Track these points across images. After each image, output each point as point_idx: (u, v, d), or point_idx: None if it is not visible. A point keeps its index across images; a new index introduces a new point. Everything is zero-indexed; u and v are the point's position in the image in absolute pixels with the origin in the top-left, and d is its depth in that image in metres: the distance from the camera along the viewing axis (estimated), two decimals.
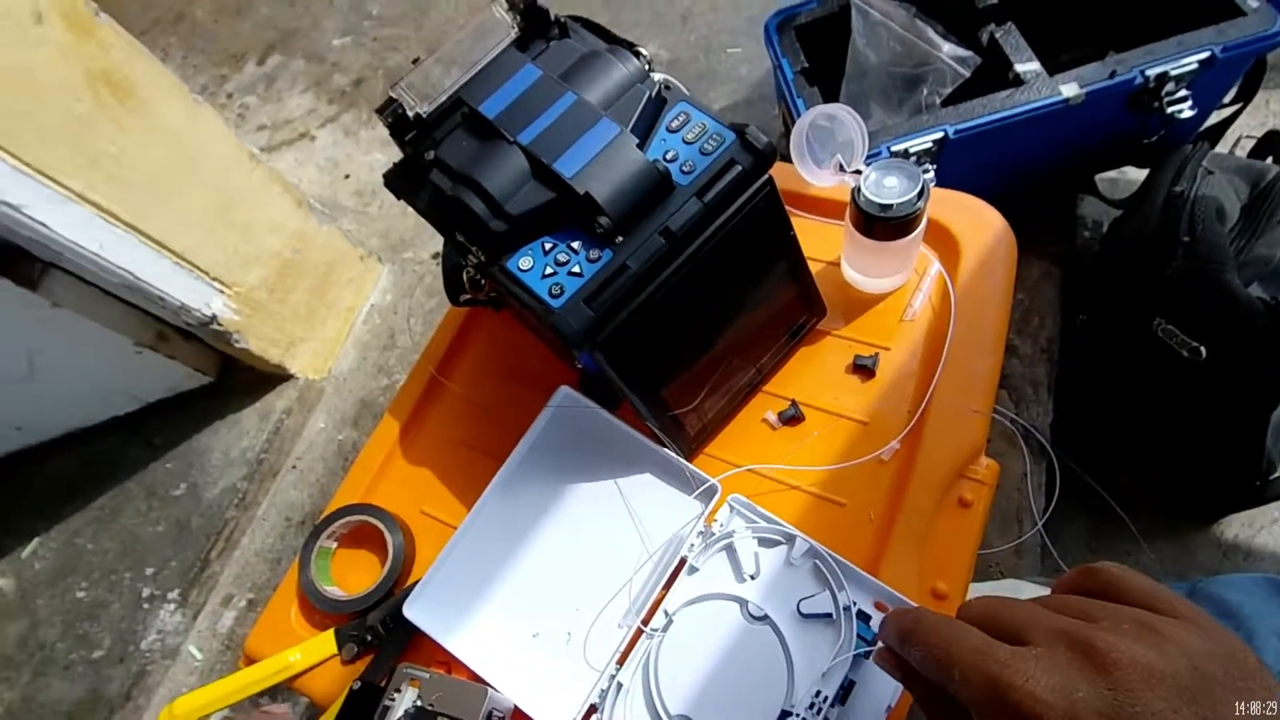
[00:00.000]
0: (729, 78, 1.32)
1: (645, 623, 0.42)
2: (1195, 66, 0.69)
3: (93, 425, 1.10)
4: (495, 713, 0.42)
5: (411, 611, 0.46)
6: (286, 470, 1.07)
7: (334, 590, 0.52)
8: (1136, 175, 0.81)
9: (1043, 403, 0.77)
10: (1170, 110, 0.71)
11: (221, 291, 0.95)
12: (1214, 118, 0.82)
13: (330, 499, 0.56)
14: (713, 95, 1.31)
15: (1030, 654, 0.20)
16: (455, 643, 0.45)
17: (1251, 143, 0.75)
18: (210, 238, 0.92)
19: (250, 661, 0.51)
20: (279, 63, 1.66)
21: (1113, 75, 0.70)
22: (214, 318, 0.94)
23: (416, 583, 0.48)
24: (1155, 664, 0.19)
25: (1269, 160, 0.71)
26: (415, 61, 0.44)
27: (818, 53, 0.87)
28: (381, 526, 0.52)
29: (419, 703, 0.43)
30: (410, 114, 0.43)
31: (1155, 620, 0.21)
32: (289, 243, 1.04)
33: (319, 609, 0.51)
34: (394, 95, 0.43)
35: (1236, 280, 0.59)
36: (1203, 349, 0.62)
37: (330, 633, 0.50)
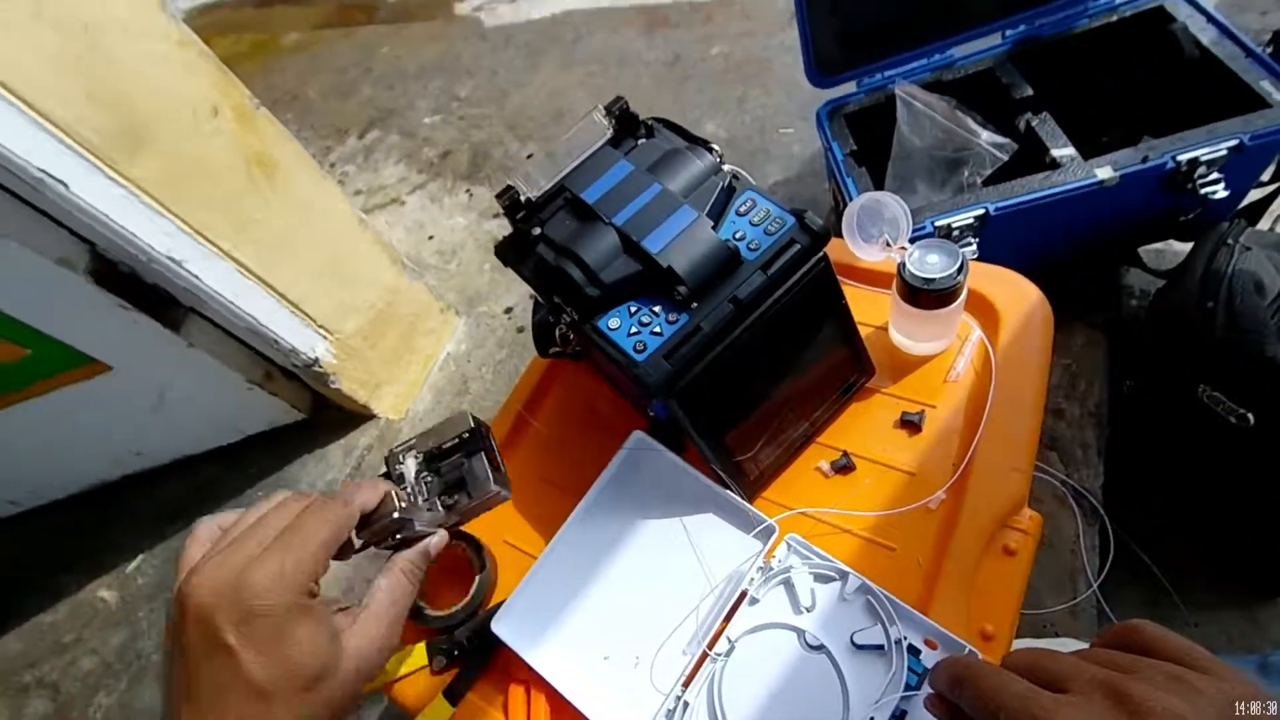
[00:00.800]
0: (782, 155, 1.42)
1: (709, 648, 0.46)
2: (1225, 153, 0.73)
3: (200, 453, 1.23)
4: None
5: (499, 628, 0.51)
6: None
7: (425, 607, 0.58)
8: (1181, 246, 0.84)
9: (1092, 465, 0.78)
10: (1204, 191, 0.74)
11: (325, 337, 1.07)
12: (1255, 194, 0.84)
13: None
14: (767, 170, 1.41)
15: (1070, 701, 0.22)
16: (536, 658, 0.50)
17: None
18: (321, 290, 1.06)
19: None
20: (377, 137, 1.87)
21: (1145, 160, 0.75)
22: (316, 360, 1.06)
23: (502, 603, 0.53)
24: (1186, 714, 0.21)
25: None
26: (529, 156, 0.54)
27: (865, 136, 0.95)
28: (470, 552, 0.59)
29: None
30: (522, 198, 0.52)
31: (1188, 674, 0.23)
32: (383, 295, 1.16)
33: (412, 624, 0.57)
34: (511, 183, 0.52)
35: (1279, 350, 0.61)
36: (1250, 416, 0.63)
37: (421, 645, 0.56)
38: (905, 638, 0.42)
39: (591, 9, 1.90)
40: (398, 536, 0.40)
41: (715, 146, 0.52)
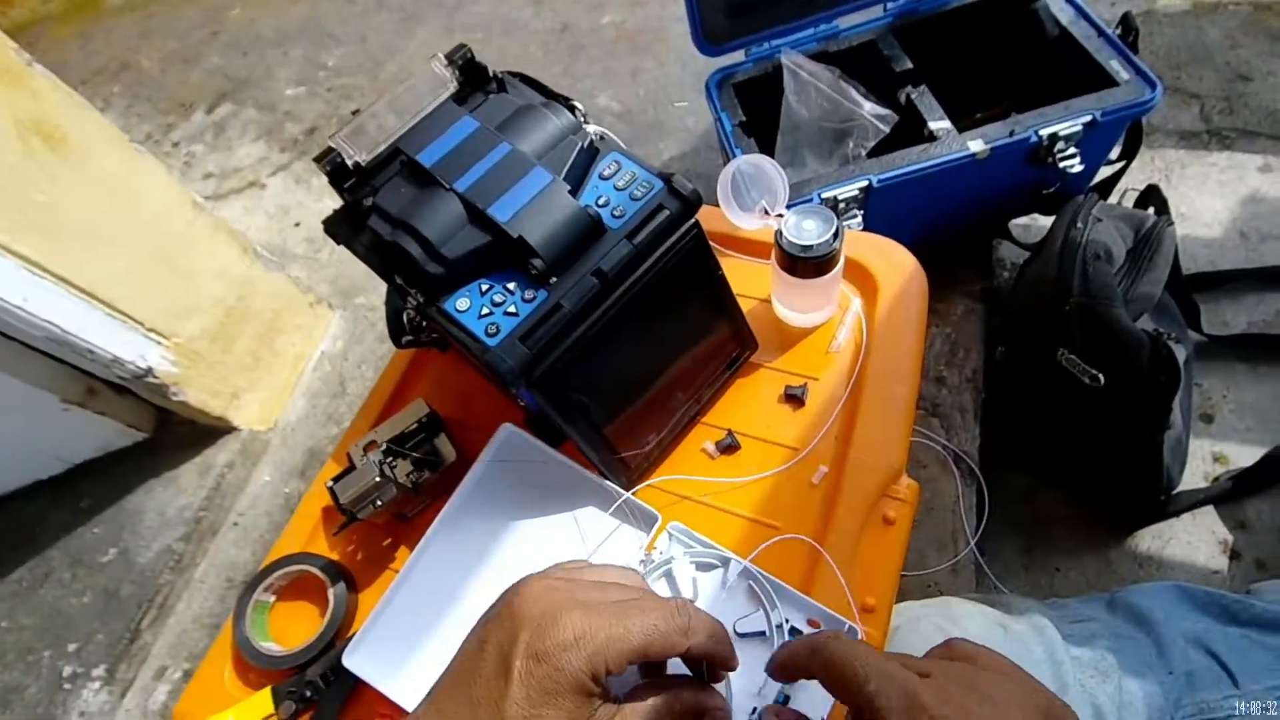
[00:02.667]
0: (677, 129, 1.39)
1: None
2: (1080, 128, 0.78)
3: (11, 492, 1.03)
4: None
5: (352, 660, 0.45)
6: (228, 528, 1.02)
7: (271, 646, 0.50)
8: (1045, 222, 0.90)
9: (970, 429, 0.81)
10: (1062, 165, 0.79)
11: (159, 343, 0.92)
12: (1104, 173, 0.91)
13: None
14: (661, 145, 1.37)
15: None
16: (399, 690, 0.44)
17: (1135, 195, 0.85)
18: (148, 287, 0.90)
19: None
20: (230, 111, 1.66)
21: (1012, 134, 0.79)
22: (149, 370, 0.91)
23: (357, 632, 0.46)
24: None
25: (1149, 210, 0.80)
26: (355, 113, 0.46)
27: (755, 107, 0.94)
28: (322, 576, 0.51)
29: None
30: (349, 163, 0.44)
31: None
32: (233, 290, 1.02)
33: (255, 667, 0.49)
34: (332, 145, 0.44)
35: (1124, 314, 0.66)
36: (1101, 376, 0.68)
37: (266, 691, 0.48)
38: (787, 621, 0.40)
39: None
40: (376, 504, 0.47)
41: (577, 104, 0.47)
